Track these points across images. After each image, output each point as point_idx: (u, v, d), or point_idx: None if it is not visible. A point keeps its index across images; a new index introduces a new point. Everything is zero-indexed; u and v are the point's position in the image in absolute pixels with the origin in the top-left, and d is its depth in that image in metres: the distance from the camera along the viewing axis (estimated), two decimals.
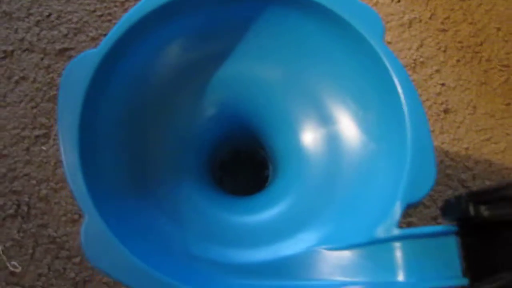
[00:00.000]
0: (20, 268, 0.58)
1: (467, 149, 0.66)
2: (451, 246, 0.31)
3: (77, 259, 0.58)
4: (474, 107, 0.67)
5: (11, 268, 0.58)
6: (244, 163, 0.47)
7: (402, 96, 0.33)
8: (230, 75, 0.39)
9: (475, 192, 0.31)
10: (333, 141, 0.38)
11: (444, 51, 0.70)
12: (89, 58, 0.33)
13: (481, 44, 0.70)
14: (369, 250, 0.32)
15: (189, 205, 0.36)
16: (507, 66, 0.70)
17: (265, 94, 0.39)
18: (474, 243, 0.32)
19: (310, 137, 0.39)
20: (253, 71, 0.39)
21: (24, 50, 0.66)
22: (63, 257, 0.58)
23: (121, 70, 0.35)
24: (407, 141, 0.32)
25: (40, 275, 0.57)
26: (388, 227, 0.31)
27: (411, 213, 0.62)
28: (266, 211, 0.37)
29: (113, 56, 0.33)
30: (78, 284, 0.57)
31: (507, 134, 0.67)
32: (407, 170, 0.31)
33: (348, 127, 0.37)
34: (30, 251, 0.58)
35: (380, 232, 0.31)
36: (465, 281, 0.31)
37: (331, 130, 0.38)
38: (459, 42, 0.70)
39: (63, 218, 0.59)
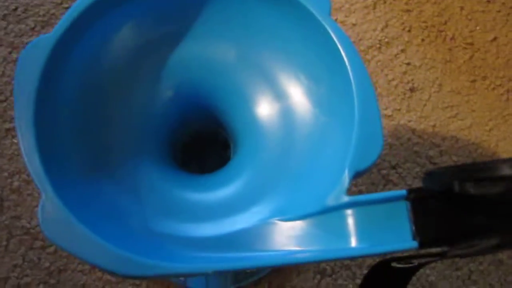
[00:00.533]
0: None
1: (434, 126, 0.67)
2: (401, 211, 0.32)
3: (51, 249, 0.59)
4: (440, 85, 0.69)
5: None
6: (207, 144, 0.48)
7: (348, 67, 0.34)
8: (185, 56, 0.40)
9: (462, 168, 0.31)
10: (287, 115, 0.38)
11: (409, 31, 0.71)
12: (44, 42, 0.33)
13: (445, 23, 0.72)
14: (321, 219, 0.33)
15: (148, 185, 0.37)
16: (471, 44, 0.71)
17: (220, 74, 0.40)
18: (444, 209, 0.32)
19: (265, 112, 0.39)
20: (207, 51, 0.40)
21: None
22: (37, 247, 0.59)
23: (76, 52, 0.35)
24: (354, 111, 0.33)
25: (15, 266, 0.58)
26: (338, 195, 0.32)
27: (380, 190, 0.63)
28: (224, 188, 0.38)
29: (68, 39, 0.34)
30: (53, 273, 0.58)
31: (473, 110, 0.68)
32: (354, 139, 0.32)
33: (301, 101, 0.38)
34: (4, 243, 0.59)
35: (331, 200, 0.32)
36: (414, 245, 0.32)
37: (285, 105, 0.39)
38: (424, 21, 0.71)
39: (36, 209, 0.60)
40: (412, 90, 0.68)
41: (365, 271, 0.60)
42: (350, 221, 0.33)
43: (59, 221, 0.31)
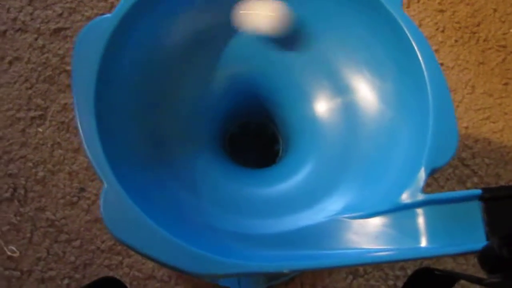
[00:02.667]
0: (18, 252, 0.56)
1: (466, 128, 0.66)
2: (475, 211, 0.31)
3: (76, 243, 0.57)
4: (473, 87, 0.68)
5: (9, 253, 0.56)
6: (253, 137, 0.46)
7: (422, 61, 0.33)
8: (242, 45, 0.38)
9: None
10: (348, 111, 0.37)
11: (442, 31, 0.70)
12: (104, 23, 0.32)
13: (478, 25, 0.71)
14: (393, 217, 0.32)
15: (205, 177, 0.35)
16: (504, 46, 0.70)
17: (278, 65, 0.39)
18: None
19: (324, 107, 0.38)
20: (266, 42, 0.38)
21: (17, 30, 0.64)
22: (62, 240, 0.57)
23: (135, 36, 0.34)
24: (429, 107, 0.32)
25: (39, 259, 0.56)
26: (413, 192, 0.31)
27: None
28: (282, 183, 0.37)
29: (128, 21, 0.32)
30: (78, 268, 0.56)
31: (505, 113, 0.67)
32: (430, 136, 0.31)
33: (365, 97, 0.37)
34: (28, 235, 0.57)
35: (405, 197, 0.31)
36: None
37: (346, 100, 0.37)
38: (457, 22, 0.70)
39: (61, 201, 0.58)
40: None
41: (397, 272, 0.59)
42: (422, 220, 0.31)
43: (122, 213, 0.29)
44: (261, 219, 0.34)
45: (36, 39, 0.64)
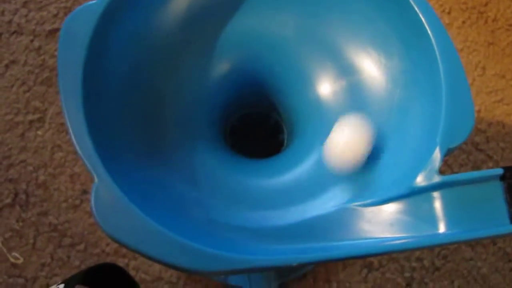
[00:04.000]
0: (22, 259, 0.55)
1: (478, 111, 0.63)
2: (497, 192, 0.29)
3: (81, 246, 0.55)
4: (483, 68, 0.65)
5: (12, 260, 0.55)
6: (256, 128, 0.45)
7: (432, 36, 0.31)
8: (240, 29, 0.37)
9: None
10: (354, 92, 0.35)
11: (449, 13, 0.67)
12: (90, 10, 0.30)
13: (486, 4, 0.68)
14: (407, 202, 0.30)
15: (206, 170, 0.34)
16: None
17: (277, 49, 0.37)
18: None
19: (329, 90, 0.36)
20: (264, 23, 0.36)
21: (13, 33, 0.63)
22: (66, 245, 0.55)
23: (124, 23, 0.32)
24: (441, 82, 0.30)
25: (43, 265, 0.55)
26: (429, 174, 0.28)
27: None
28: (288, 173, 0.35)
29: (115, 7, 0.31)
30: None
31: None
32: (444, 113, 0.29)
33: (371, 76, 0.35)
34: (31, 240, 0.55)
35: (420, 180, 0.29)
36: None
37: (351, 81, 0.35)
38: (464, 3, 0.68)
39: (64, 205, 0.56)
40: None
41: (414, 264, 0.56)
42: (440, 204, 0.29)
43: (116, 210, 0.27)
44: (267, 211, 0.32)
45: (32, 41, 0.63)
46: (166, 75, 0.34)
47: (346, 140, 0.31)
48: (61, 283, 0.33)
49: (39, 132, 0.59)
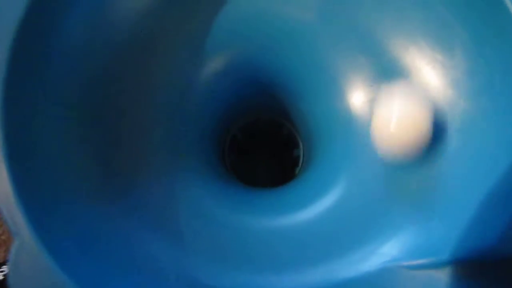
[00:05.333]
0: None
1: None
2: None
3: None
4: None
5: None
6: (264, 141, 0.35)
7: None
8: (243, 14, 0.27)
9: None
10: None
11: None
12: None
13: None
14: (484, 268, 0.20)
15: (189, 207, 0.24)
16: None
17: (294, 39, 0.27)
18: None
19: (364, 98, 0.26)
20: (276, 5, 0.26)
21: None
22: None
23: (72, 12, 0.22)
24: None
25: None
26: None
27: None
28: (305, 211, 0.25)
29: None
30: None
31: None
32: None
33: (422, 80, 0.25)
34: None
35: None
36: None
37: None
38: None
39: None
40: None
41: None
42: None
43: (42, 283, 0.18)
44: (274, 271, 0.23)
45: None
46: (137, 80, 0.25)
47: (401, 114, 0.23)
48: None
49: None
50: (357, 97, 0.26)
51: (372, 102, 0.26)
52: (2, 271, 0.29)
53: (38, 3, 0.20)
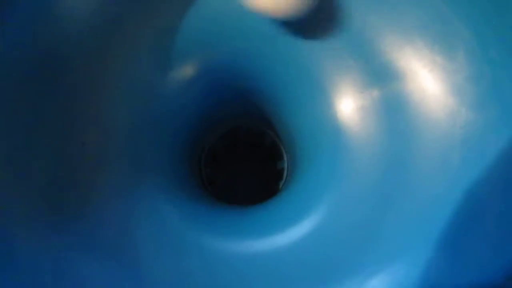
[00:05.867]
0: None
1: None
2: None
3: None
4: None
5: None
6: (245, 153, 0.32)
7: None
8: (216, 12, 0.24)
9: None
10: (392, 110, 0.22)
11: None
12: None
13: None
14: None
15: (151, 232, 0.21)
16: None
17: (275, 41, 0.24)
18: None
19: (354, 105, 0.23)
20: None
21: None
22: None
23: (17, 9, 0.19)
24: None
25: None
26: None
27: None
28: (283, 234, 0.22)
29: None
30: None
31: None
32: None
33: (418, 85, 0.22)
34: None
35: None
36: None
37: (388, 92, 0.22)
38: None
39: None
40: None
41: None
42: None
43: None
44: None
45: None
46: (93, 87, 0.21)
47: None
48: None
49: None
50: (345, 104, 0.23)
51: (362, 110, 0.23)
52: None
53: None
